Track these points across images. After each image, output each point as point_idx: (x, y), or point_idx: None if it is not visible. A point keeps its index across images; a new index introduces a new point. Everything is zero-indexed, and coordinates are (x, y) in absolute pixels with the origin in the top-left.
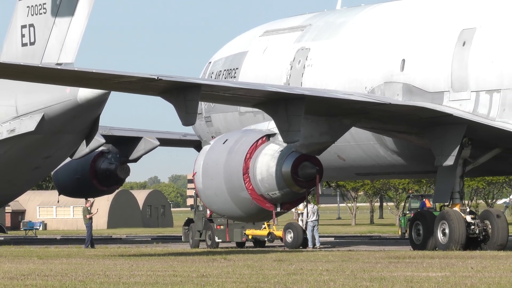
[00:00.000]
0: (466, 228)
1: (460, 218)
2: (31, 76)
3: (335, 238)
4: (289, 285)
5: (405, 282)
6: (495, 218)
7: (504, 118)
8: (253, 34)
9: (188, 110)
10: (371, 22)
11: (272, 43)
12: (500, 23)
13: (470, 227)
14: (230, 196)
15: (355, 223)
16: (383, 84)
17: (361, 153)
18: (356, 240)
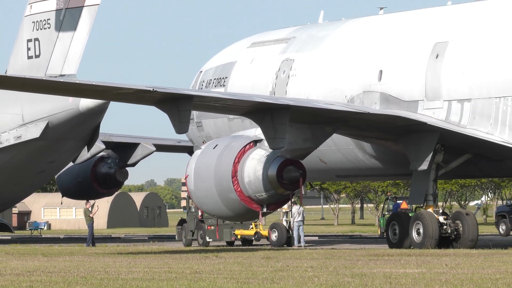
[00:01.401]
0: (439, 228)
1: (433, 219)
2: (35, 88)
3: (319, 237)
4: (276, 281)
5: (384, 278)
6: (465, 216)
7: (474, 126)
8: (241, 46)
9: (181, 119)
10: (350, 36)
11: (258, 54)
12: (470, 37)
13: (442, 227)
14: (220, 197)
15: (337, 223)
16: (362, 93)
17: (341, 157)
18: (339, 239)
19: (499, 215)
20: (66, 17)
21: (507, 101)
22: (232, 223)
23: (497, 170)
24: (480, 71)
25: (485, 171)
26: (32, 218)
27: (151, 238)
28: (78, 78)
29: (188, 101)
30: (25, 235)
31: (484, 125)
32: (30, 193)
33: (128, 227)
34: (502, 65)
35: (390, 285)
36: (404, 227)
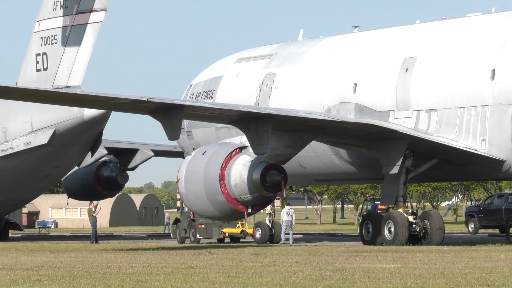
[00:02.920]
0: (409, 227)
1: (403, 218)
2: (41, 98)
3: (303, 235)
4: (264, 275)
5: (363, 273)
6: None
7: (440, 133)
8: (227, 61)
9: (173, 127)
10: (328, 52)
11: (244, 69)
12: (437, 53)
13: (412, 226)
14: (209, 199)
15: (320, 222)
16: (338, 104)
17: (319, 163)
18: (321, 237)
19: (468, 215)
20: (72, 33)
21: (470, 111)
22: (221, 222)
23: (461, 174)
24: (446, 83)
25: (451, 175)
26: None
27: (149, 236)
28: (83, 89)
29: (179, 110)
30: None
31: (449, 133)
32: (39, 195)
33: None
34: (466, 78)
35: (368, 279)
36: (377, 226)
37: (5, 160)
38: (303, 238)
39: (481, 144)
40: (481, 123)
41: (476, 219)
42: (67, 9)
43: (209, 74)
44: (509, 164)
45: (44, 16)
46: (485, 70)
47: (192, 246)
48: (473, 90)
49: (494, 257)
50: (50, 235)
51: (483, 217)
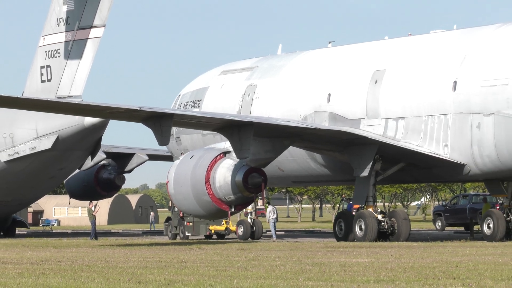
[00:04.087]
0: (378, 225)
1: (373, 217)
2: (43, 108)
3: (285, 232)
4: (249, 269)
5: (339, 266)
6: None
7: (407, 139)
8: (212, 73)
9: (163, 134)
10: (304, 65)
11: (227, 81)
12: (403, 66)
13: (380, 223)
14: (195, 199)
15: (300, 220)
16: (313, 112)
17: (297, 166)
18: (302, 233)
19: (436, 214)
20: (74, 47)
21: (434, 119)
22: (207, 220)
23: (426, 176)
24: (412, 94)
25: (417, 177)
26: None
27: (144, 233)
28: (84, 98)
29: (169, 118)
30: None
31: (415, 139)
32: (43, 195)
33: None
34: (430, 89)
35: (344, 272)
36: (349, 223)
37: (12, 163)
38: (285, 235)
39: (443, 149)
40: (444, 130)
41: (443, 218)
42: (69, 25)
43: (196, 85)
44: (469, 168)
45: (48, 31)
46: (447, 82)
47: (183, 242)
48: (437, 100)
49: (460, 252)
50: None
51: (450, 216)
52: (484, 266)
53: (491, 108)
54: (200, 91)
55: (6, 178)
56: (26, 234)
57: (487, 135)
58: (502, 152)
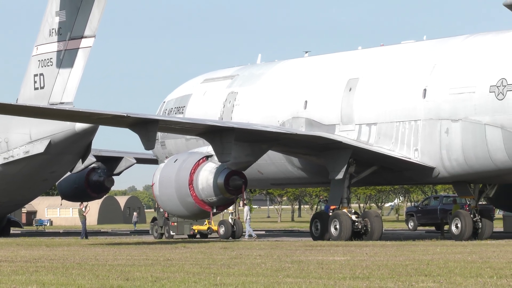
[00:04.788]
0: (352, 225)
1: (347, 217)
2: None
3: (266, 231)
4: (232, 266)
5: (317, 264)
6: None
7: (379, 144)
8: (196, 81)
9: (149, 139)
10: (282, 73)
11: (210, 88)
12: (376, 75)
13: (354, 223)
14: (179, 200)
15: (280, 220)
16: (291, 118)
17: (275, 169)
18: (281, 233)
19: (408, 214)
20: (65, 57)
21: (405, 124)
22: (191, 221)
23: (397, 179)
24: (384, 101)
25: (389, 180)
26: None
27: (132, 232)
28: (75, 105)
29: (154, 124)
30: (32, 230)
31: (387, 144)
32: (36, 197)
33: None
34: (401, 96)
35: (322, 269)
36: (324, 223)
37: (7, 166)
38: (265, 234)
39: (414, 153)
40: (414, 135)
41: (415, 218)
42: (61, 35)
43: (180, 93)
44: (438, 171)
45: (41, 41)
46: (417, 90)
47: (169, 241)
48: (408, 106)
49: (431, 251)
50: (46, 232)
51: (421, 216)
52: (454, 264)
53: (459, 114)
54: (183, 98)
55: (2, 180)
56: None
57: (455, 140)
58: (469, 156)
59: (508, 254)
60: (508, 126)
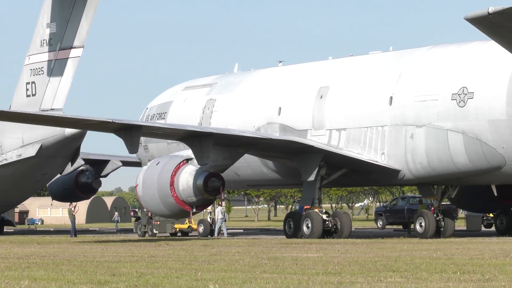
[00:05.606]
0: (323, 224)
1: (318, 217)
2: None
3: (244, 230)
4: (212, 262)
5: (292, 260)
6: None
7: (349, 148)
8: (176, 89)
9: (132, 143)
10: (258, 81)
11: (190, 95)
12: (346, 83)
13: (325, 222)
14: (161, 201)
15: (257, 219)
16: (266, 124)
17: (251, 171)
18: (258, 231)
19: (377, 214)
20: (55, 66)
21: (373, 130)
22: (172, 220)
23: (366, 180)
24: (353, 108)
25: (357, 181)
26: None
27: (118, 231)
28: (65, 111)
29: (138, 129)
30: (24, 229)
31: (355, 148)
32: (28, 197)
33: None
34: (369, 103)
35: (296, 265)
36: (297, 222)
37: (1, 169)
38: (243, 233)
39: (381, 156)
40: (381, 140)
41: (384, 217)
42: (52, 46)
43: (162, 99)
44: (403, 173)
45: (33, 51)
46: (384, 97)
47: (152, 238)
48: (375, 113)
49: (398, 248)
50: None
51: (389, 216)
52: (420, 260)
53: (423, 120)
54: (165, 104)
55: None
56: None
57: (419, 144)
58: (432, 159)
59: (471, 251)
60: (469, 131)
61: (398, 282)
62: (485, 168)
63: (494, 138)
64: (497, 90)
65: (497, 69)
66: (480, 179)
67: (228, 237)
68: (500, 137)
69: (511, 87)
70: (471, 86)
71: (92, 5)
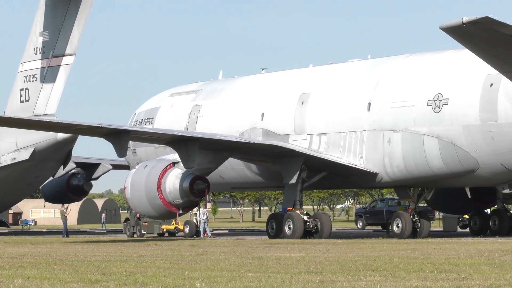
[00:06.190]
0: (304, 224)
1: (299, 218)
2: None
3: (229, 230)
4: (199, 262)
5: (275, 260)
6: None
7: (329, 152)
8: (163, 95)
9: (121, 147)
10: (242, 88)
11: (176, 101)
12: (326, 90)
13: (306, 223)
14: (149, 203)
15: (242, 220)
16: (249, 129)
17: (235, 174)
18: (243, 232)
19: (357, 215)
20: (48, 73)
21: (352, 134)
22: (160, 221)
23: (345, 183)
24: (333, 113)
25: (337, 184)
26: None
27: (109, 231)
28: (57, 116)
29: (126, 134)
30: (18, 229)
31: (335, 152)
32: (22, 199)
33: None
34: (348, 109)
35: (279, 265)
36: (279, 223)
37: None
38: (228, 233)
39: (359, 160)
40: (360, 144)
41: (364, 218)
42: (45, 54)
43: (149, 105)
44: (381, 176)
45: (27, 59)
46: (363, 103)
47: (141, 239)
48: (354, 118)
49: (378, 248)
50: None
51: (369, 217)
52: (398, 260)
53: (399, 125)
54: (153, 110)
55: None
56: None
57: (396, 148)
58: (409, 163)
59: (447, 251)
60: (444, 136)
61: (377, 280)
62: (459, 171)
63: (468, 142)
64: (470, 96)
65: (471, 77)
66: (454, 182)
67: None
68: (474, 141)
69: (484, 94)
70: (446, 93)
71: (83, 15)
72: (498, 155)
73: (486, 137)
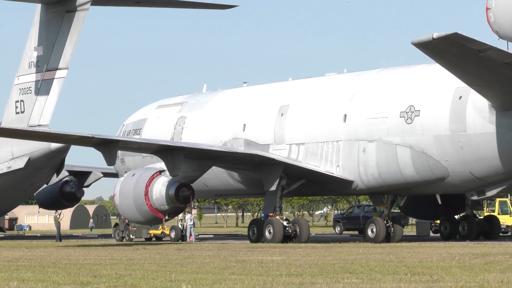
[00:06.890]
0: (283, 229)
1: (279, 223)
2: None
3: (214, 235)
4: (185, 265)
5: (258, 263)
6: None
7: (307, 161)
8: (150, 107)
9: (110, 156)
10: (224, 101)
11: (163, 113)
12: (304, 102)
13: (285, 228)
14: (137, 209)
15: (226, 226)
16: (232, 139)
17: (218, 182)
18: (227, 237)
19: (335, 220)
20: (42, 86)
21: (329, 144)
22: (147, 226)
23: (322, 190)
24: (311, 124)
25: (315, 191)
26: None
27: (100, 236)
28: (51, 127)
29: (115, 144)
30: (13, 234)
31: (313, 160)
32: (17, 205)
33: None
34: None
35: (261, 268)
36: (260, 228)
37: None
38: (213, 238)
39: (336, 169)
40: (336, 153)
41: (341, 224)
42: (39, 67)
43: (137, 117)
44: (356, 184)
45: (22, 72)
46: (339, 115)
47: (130, 243)
48: (331, 129)
49: (354, 252)
50: (25, 236)
51: (347, 222)
52: (374, 263)
53: (374, 136)
54: (140, 121)
55: None
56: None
57: (371, 157)
58: (383, 171)
59: (420, 255)
60: (416, 146)
61: (354, 283)
62: (430, 179)
63: (439, 152)
64: (441, 108)
65: (441, 90)
66: (425, 189)
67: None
68: (444, 151)
69: (453, 106)
70: (418, 105)
71: (76, 31)
72: (467, 163)
73: (456, 146)
